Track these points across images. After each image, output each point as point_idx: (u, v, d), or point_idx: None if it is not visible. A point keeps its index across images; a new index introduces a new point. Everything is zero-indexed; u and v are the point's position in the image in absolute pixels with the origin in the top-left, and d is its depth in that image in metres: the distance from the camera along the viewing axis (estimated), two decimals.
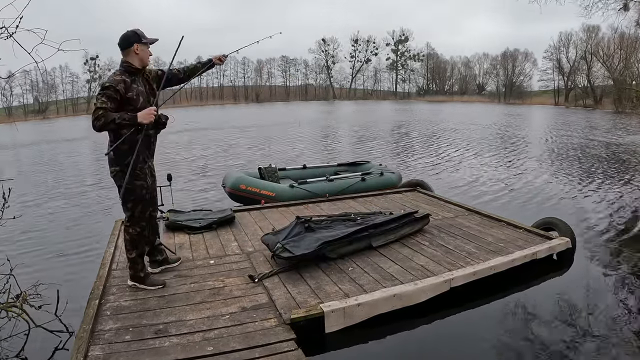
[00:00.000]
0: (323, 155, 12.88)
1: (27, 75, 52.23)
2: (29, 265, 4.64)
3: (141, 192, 3.16)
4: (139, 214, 3.18)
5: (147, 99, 3.14)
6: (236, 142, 17.10)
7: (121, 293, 3.20)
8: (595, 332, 3.08)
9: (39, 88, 59.95)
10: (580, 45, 53.86)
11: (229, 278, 3.46)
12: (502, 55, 66.29)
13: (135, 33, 3.06)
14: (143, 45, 3.07)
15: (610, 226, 5.74)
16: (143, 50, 3.08)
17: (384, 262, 3.74)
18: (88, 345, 2.50)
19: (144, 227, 3.23)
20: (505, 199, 7.41)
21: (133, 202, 3.14)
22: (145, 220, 3.24)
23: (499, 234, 4.43)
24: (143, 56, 3.09)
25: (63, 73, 63.61)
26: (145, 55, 3.11)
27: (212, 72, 72.43)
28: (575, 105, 48.71)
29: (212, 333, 2.66)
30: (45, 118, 52.98)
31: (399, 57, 77.66)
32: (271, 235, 3.97)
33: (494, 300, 3.53)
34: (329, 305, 2.92)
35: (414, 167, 10.78)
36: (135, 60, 3.07)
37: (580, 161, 11.30)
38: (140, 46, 3.06)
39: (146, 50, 3.11)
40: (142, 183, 3.16)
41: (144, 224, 3.23)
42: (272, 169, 7.02)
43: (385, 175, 7.09)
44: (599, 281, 4.01)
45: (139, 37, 3.06)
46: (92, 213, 7.07)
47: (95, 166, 12.46)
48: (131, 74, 3.06)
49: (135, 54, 3.06)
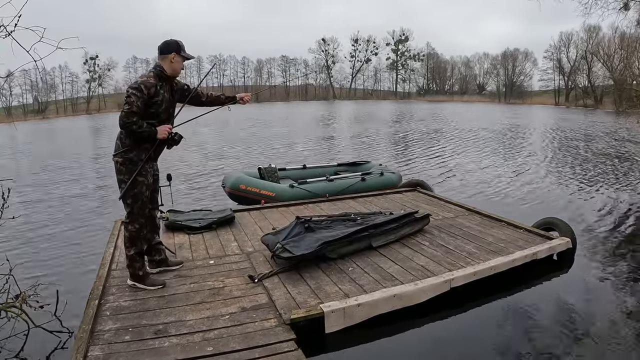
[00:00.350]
0: (324, 155, 12.88)
1: (26, 75, 52.22)
2: (28, 266, 4.64)
3: (141, 188, 3.19)
4: (138, 210, 3.20)
5: (168, 107, 3.27)
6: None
7: (121, 293, 3.19)
8: (596, 333, 3.08)
9: (38, 88, 59.94)
10: (580, 45, 53.93)
11: (229, 278, 3.46)
12: (503, 55, 66.39)
13: (177, 43, 3.22)
14: (180, 57, 3.22)
15: (611, 226, 5.73)
16: (178, 62, 3.24)
17: (384, 262, 3.74)
18: (87, 346, 2.50)
19: (142, 224, 3.24)
20: (505, 199, 7.41)
21: (133, 197, 3.16)
22: (144, 217, 3.25)
23: (500, 234, 4.42)
24: (176, 67, 3.24)
25: (62, 73, 63.75)
26: (178, 67, 3.26)
27: (212, 72, 72.57)
28: (575, 105, 48.74)
29: (211, 333, 2.65)
30: (45, 118, 52.98)
31: (399, 57, 77.67)
32: (271, 236, 3.96)
33: (494, 300, 3.53)
34: (329, 305, 2.92)
35: (414, 167, 10.78)
36: (168, 68, 3.21)
37: (580, 161, 11.30)
38: (177, 57, 3.22)
39: (181, 63, 3.26)
40: (144, 179, 3.19)
41: (142, 220, 3.24)
42: (272, 169, 7.01)
43: (386, 175, 7.08)
44: (600, 281, 4.00)
45: (179, 48, 3.21)
46: (92, 213, 7.07)
47: (95, 166, 12.46)
48: (162, 79, 3.19)
49: (170, 63, 3.20)
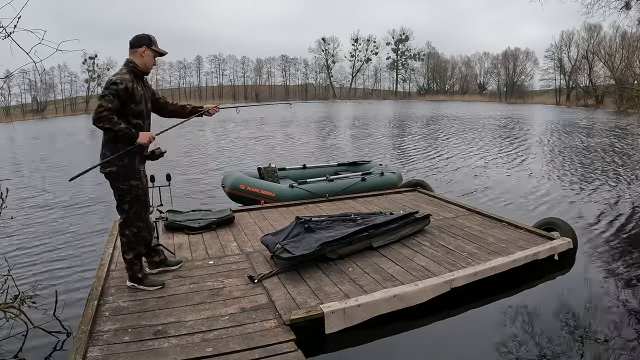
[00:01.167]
0: (324, 155, 12.87)
1: (25, 74, 52.09)
2: (27, 266, 4.63)
3: (137, 192, 3.15)
4: (134, 215, 3.17)
5: (147, 104, 3.20)
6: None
7: (120, 294, 3.18)
8: (597, 333, 3.07)
9: (37, 87, 59.87)
10: (582, 45, 53.89)
11: (229, 279, 3.45)
12: (503, 54, 66.36)
13: (149, 37, 3.15)
14: (150, 51, 3.13)
15: (612, 226, 5.72)
16: (149, 56, 3.14)
17: (385, 262, 3.72)
18: (87, 346, 2.48)
19: (140, 227, 3.22)
20: (506, 199, 7.39)
21: (129, 202, 3.13)
22: (141, 220, 3.22)
23: (500, 235, 4.40)
24: (147, 61, 3.14)
25: (62, 72, 63.82)
26: (150, 61, 3.16)
27: (212, 72, 72.61)
28: (576, 104, 48.73)
29: (211, 334, 2.64)
30: (44, 117, 53.00)
31: (399, 57, 77.65)
32: (271, 236, 3.95)
33: (495, 301, 3.52)
34: (329, 306, 2.91)
35: (414, 167, 10.76)
36: (139, 63, 3.12)
37: (581, 161, 11.27)
38: (148, 51, 3.12)
39: (152, 57, 3.16)
40: (138, 183, 3.16)
41: (140, 224, 3.21)
42: (272, 169, 7.00)
43: (386, 175, 7.07)
44: (601, 282, 3.99)
45: (150, 42, 3.13)
46: (91, 213, 7.05)
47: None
48: (136, 75, 3.10)
49: (141, 57, 3.11)
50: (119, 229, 3.24)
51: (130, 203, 3.13)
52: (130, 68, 3.08)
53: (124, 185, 3.07)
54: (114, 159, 3.00)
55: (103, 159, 3.03)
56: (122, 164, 3.03)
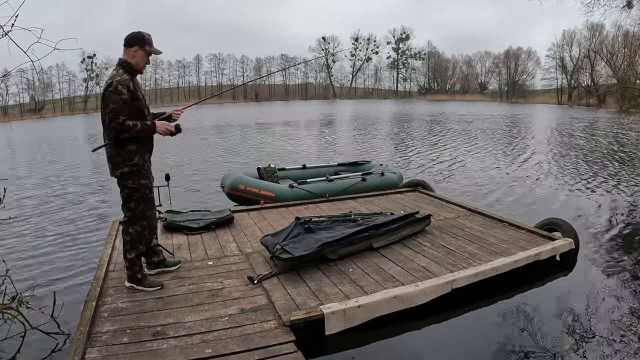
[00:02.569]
0: (323, 154, 12.85)
1: (23, 74, 52.08)
2: (25, 267, 4.62)
3: (145, 191, 3.17)
4: (140, 213, 3.18)
5: (145, 100, 3.21)
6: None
7: (118, 295, 3.16)
8: (598, 334, 3.04)
9: (35, 87, 59.82)
10: (584, 44, 53.73)
11: (228, 279, 3.43)
12: (505, 53, 66.24)
13: (144, 37, 3.10)
14: (143, 51, 3.10)
15: (614, 227, 5.69)
16: (141, 56, 3.11)
17: (385, 263, 3.70)
18: (85, 348, 2.47)
19: (144, 226, 3.22)
20: (507, 200, 7.36)
21: (136, 201, 3.14)
22: (145, 219, 3.23)
23: (502, 235, 4.38)
24: (139, 61, 3.11)
25: (60, 72, 63.72)
26: (142, 61, 3.13)
27: (211, 71, 72.62)
28: (578, 104, 48.61)
29: (210, 335, 2.62)
30: (42, 117, 53.03)
31: (400, 56, 77.59)
32: (270, 237, 3.93)
33: (496, 301, 3.49)
34: (329, 307, 2.89)
35: (415, 167, 10.74)
36: (132, 62, 3.09)
37: (583, 161, 11.24)
38: (140, 51, 3.09)
39: (144, 57, 3.13)
40: (147, 182, 3.18)
41: (144, 223, 3.22)
42: (272, 169, 6.98)
43: (386, 175, 7.04)
44: (602, 282, 3.96)
45: (143, 42, 3.09)
46: (89, 214, 7.03)
47: (91, 166, 12.42)
48: (130, 74, 3.08)
49: (132, 56, 3.08)
50: (123, 228, 3.23)
51: (137, 201, 3.14)
52: (125, 68, 3.07)
53: (134, 184, 3.09)
54: (125, 160, 3.03)
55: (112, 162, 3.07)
56: (134, 164, 3.05)
